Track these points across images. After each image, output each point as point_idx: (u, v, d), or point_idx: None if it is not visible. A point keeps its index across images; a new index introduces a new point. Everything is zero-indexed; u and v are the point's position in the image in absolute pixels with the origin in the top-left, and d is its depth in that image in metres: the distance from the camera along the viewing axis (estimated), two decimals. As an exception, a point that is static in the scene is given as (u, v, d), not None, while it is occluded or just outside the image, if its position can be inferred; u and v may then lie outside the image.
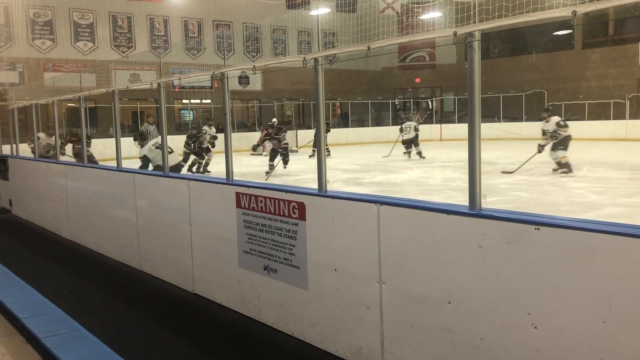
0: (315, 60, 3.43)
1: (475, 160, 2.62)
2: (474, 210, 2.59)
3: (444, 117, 28.18)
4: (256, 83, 26.60)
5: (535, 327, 2.30)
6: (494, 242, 2.44)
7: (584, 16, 2.20)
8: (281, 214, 3.60)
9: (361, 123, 27.06)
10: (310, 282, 3.45)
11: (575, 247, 2.18)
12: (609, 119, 22.97)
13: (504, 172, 11.52)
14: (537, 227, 2.29)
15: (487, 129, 14.21)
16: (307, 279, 3.47)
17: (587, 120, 23.33)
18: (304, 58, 3.54)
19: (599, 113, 22.94)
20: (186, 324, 4.15)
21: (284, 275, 3.65)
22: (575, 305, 2.18)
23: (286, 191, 3.60)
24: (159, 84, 5.28)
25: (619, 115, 23.07)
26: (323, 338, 3.41)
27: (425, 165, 14.26)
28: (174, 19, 25.03)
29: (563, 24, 24.98)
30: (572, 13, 2.05)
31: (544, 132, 11.61)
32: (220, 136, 8.38)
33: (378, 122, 27.19)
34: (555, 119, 11.57)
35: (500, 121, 24.67)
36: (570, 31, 26.15)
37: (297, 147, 19.76)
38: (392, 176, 12.49)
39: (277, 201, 3.62)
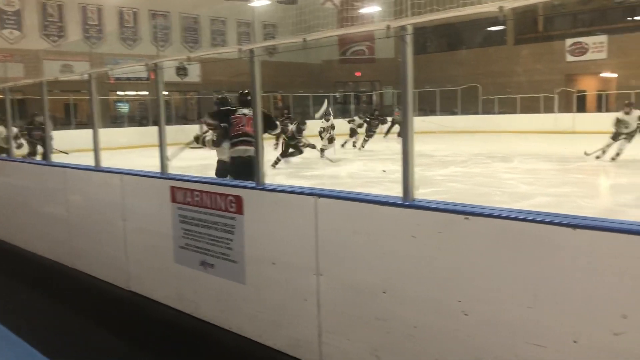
0: (251, 51, 3.39)
1: (408, 152, 2.67)
2: (407, 202, 2.64)
3: (385, 111, 28.63)
4: (195, 74, 26.14)
5: (466, 314, 2.37)
6: (427, 232, 2.50)
7: (513, 12, 2.27)
8: (218, 208, 3.55)
9: (303, 116, 27.10)
10: (248, 276, 3.43)
11: (503, 235, 2.26)
12: (538, 112, 23.98)
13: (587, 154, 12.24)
14: (466, 216, 2.36)
15: (421, 122, 14.48)
16: (245, 273, 3.44)
17: (519, 113, 24.28)
18: (239, 49, 3.50)
19: (530, 107, 23.91)
20: (122, 322, 4.04)
21: (222, 270, 3.61)
22: (503, 292, 2.26)
23: (223, 185, 3.56)
24: (89, 75, 5.08)
25: (548, 109, 24.14)
26: (262, 331, 3.39)
27: (366, 158, 14.44)
28: (109, 8, 24.20)
29: (495, 20, 25.80)
30: (498, 8, 2.11)
31: (620, 122, 12.01)
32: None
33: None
34: (638, 112, 11.96)
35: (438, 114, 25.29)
36: (504, 27, 27.10)
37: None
38: (334, 169, 12.58)
39: (213, 195, 3.57)
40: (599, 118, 22.51)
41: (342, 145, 16.52)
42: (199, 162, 13.78)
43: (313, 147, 13.02)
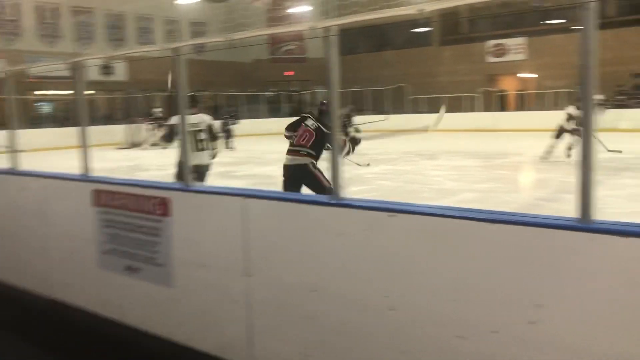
0: (176, 50, 3.32)
1: (335, 152, 2.70)
2: (334, 201, 2.67)
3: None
4: (121, 73, 25.33)
5: (393, 310, 2.42)
6: (354, 230, 2.54)
7: (438, 14, 2.34)
8: (144, 210, 3.45)
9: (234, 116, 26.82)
10: (177, 279, 3.36)
11: (426, 231, 2.32)
12: (463, 111, 24.89)
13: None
14: (392, 214, 2.41)
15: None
16: (173, 277, 3.37)
17: (449, 112, 25.07)
18: (164, 48, 3.42)
19: (455, 106, 24.75)
20: (45, 331, 3.86)
21: (148, 275, 3.51)
22: (427, 287, 2.33)
23: (148, 187, 3.46)
24: (6, 74, 4.82)
25: (472, 108, 25.09)
26: (191, 335, 3.33)
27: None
28: (28, 3, 23.03)
29: (421, 21, 26.60)
30: (418, 11, 2.17)
31: (572, 118, 11.51)
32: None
33: (251, 114, 27.12)
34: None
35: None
36: (429, 29, 27.94)
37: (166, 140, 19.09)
38: (268, 168, 12.52)
39: (138, 198, 3.47)
40: (519, 116, 23.66)
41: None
42: (126, 163, 13.34)
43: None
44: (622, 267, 1.86)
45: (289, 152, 5.83)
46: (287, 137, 6.00)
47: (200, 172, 6.64)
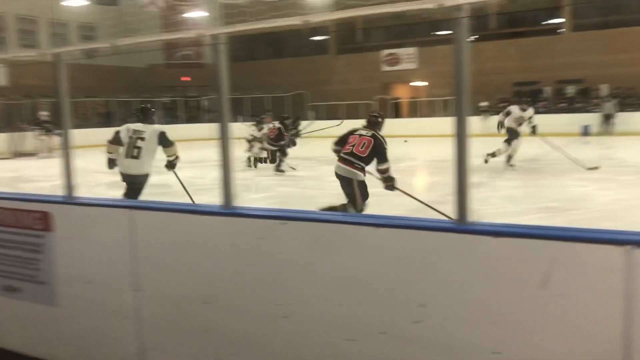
0: (57, 55, 3.15)
1: (227, 160, 2.67)
2: (227, 210, 2.64)
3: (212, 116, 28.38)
4: (1, 78, 23.52)
5: (286, 317, 2.43)
6: (246, 239, 2.53)
7: (333, 24, 2.39)
8: (22, 226, 3.22)
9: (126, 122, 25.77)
10: (61, 298, 3.16)
11: (316, 237, 2.36)
12: (361, 117, 25.52)
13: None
14: (283, 221, 2.43)
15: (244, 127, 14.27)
16: (57, 296, 3.17)
17: (347, 119, 25.66)
18: (45, 52, 3.22)
19: (353, 113, 25.38)
20: None
21: (30, 294, 3.28)
22: (318, 292, 2.37)
23: (27, 200, 3.24)
24: None
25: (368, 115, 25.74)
26: (78, 356, 3.15)
27: (197, 166, 14.17)
28: None
29: (318, 30, 27.11)
30: (303, 22, 2.21)
31: (518, 119, 11.35)
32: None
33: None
34: (532, 110, 11.64)
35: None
36: (327, 37, 28.54)
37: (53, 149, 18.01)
38: (163, 177, 12.13)
39: (15, 212, 3.23)
40: (412, 123, 24.70)
41: None
42: (8, 174, 12.44)
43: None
44: (494, 265, 1.99)
45: (342, 159, 5.87)
46: (335, 151, 6.05)
47: (133, 183, 6.29)
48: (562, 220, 6.30)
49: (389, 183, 5.93)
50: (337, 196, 8.86)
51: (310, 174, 12.00)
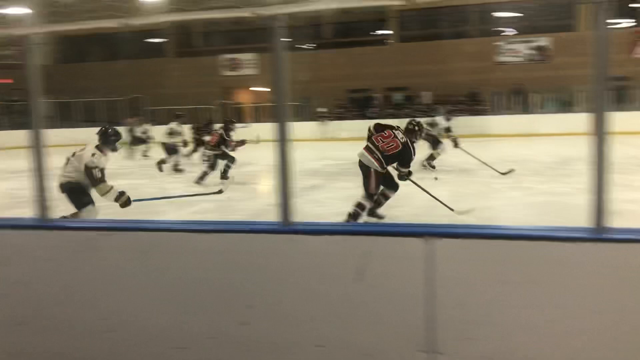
0: None
1: (41, 167, 2.49)
2: (43, 223, 2.47)
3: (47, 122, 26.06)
4: None
5: (112, 332, 2.34)
6: (64, 253, 2.38)
7: (171, 27, 2.33)
8: None
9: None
10: None
11: (146, 247, 2.31)
12: (201, 122, 25.15)
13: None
14: (106, 232, 2.33)
15: (53, 136, 13.31)
16: None
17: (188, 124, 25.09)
18: None
19: (193, 117, 24.92)
20: None
21: None
22: (144, 303, 2.31)
23: None
24: None
25: (210, 120, 25.50)
26: None
27: (20, 176, 12.92)
28: None
29: (154, 32, 26.25)
30: (120, 24, 2.15)
31: (447, 130, 10.93)
32: None
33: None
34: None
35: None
36: (165, 40, 27.72)
37: None
38: None
39: None
40: (255, 128, 24.91)
41: None
42: None
43: None
44: (315, 262, 2.11)
45: (368, 149, 5.81)
46: (370, 131, 6.01)
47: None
48: (388, 216, 6.76)
49: (404, 174, 6.14)
50: (177, 204, 8.66)
51: (148, 182, 11.55)
